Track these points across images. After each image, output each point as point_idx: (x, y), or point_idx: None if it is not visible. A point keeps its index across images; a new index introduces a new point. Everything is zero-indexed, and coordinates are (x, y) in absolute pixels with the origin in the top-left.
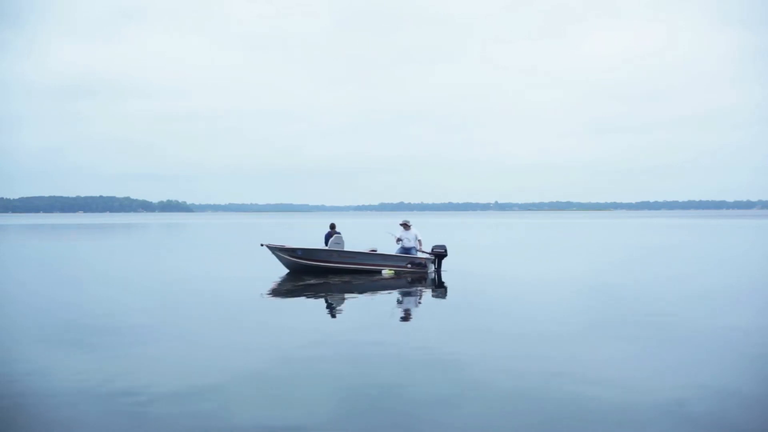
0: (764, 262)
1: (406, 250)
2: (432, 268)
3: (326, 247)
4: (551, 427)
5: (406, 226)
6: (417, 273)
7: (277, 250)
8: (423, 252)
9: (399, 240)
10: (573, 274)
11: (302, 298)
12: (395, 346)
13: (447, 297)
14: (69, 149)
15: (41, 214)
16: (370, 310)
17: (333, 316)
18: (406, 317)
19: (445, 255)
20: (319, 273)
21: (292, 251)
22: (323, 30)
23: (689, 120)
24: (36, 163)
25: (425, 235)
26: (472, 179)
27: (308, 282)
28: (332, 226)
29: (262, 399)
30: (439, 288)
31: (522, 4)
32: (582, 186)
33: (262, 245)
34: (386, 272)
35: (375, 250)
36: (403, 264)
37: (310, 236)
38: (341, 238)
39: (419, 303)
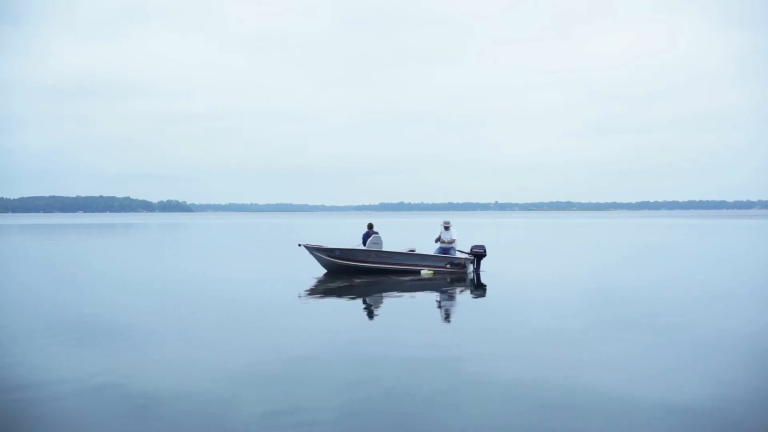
0: (764, 262)
1: (444, 250)
2: (471, 268)
3: (365, 247)
4: (556, 427)
5: (446, 226)
6: (456, 273)
7: (315, 250)
8: (462, 252)
9: (438, 240)
10: (591, 274)
11: (338, 299)
12: (428, 348)
13: (486, 297)
14: (69, 149)
15: (41, 214)
16: (407, 311)
17: (370, 316)
18: (446, 318)
19: (484, 255)
20: (357, 273)
21: (330, 251)
22: (323, 30)
23: (689, 120)
24: (36, 163)
25: (432, 234)
26: (472, 179)
27: (346, 282)
28: (370, 226)
29: (269, 399)
30: (479, 288)
31: (521, 5)
32: (582, 186)
33: (299, 245)
34: (425, 272)
35: (413, 250)
36: (442, 264)
37: (313, 236)
38: (380, 238)
39: (458, 304)
